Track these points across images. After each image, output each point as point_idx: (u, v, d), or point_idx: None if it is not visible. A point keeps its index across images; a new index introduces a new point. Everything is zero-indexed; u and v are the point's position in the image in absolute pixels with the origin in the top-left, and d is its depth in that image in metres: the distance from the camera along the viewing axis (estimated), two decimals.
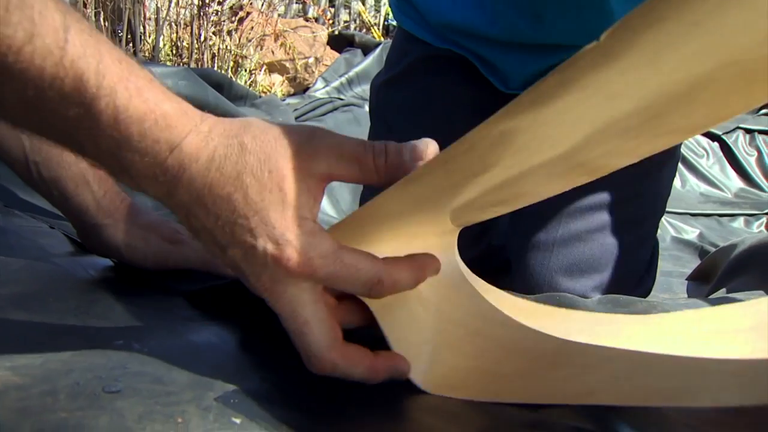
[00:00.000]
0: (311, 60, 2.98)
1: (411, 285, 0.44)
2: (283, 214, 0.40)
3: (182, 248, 0.62)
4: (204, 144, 0.40)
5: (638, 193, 0.85)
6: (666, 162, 0.85)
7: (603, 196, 0.84)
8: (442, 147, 0.90)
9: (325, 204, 1.71)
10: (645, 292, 0.94)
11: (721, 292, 0.96)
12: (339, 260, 0.41)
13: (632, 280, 0.89)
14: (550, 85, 0.31)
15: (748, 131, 2.43)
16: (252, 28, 2.90)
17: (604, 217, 0.84)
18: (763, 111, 2.62)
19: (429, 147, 0.47)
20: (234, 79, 2.38)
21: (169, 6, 2.67)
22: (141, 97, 0.38)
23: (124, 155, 0.39)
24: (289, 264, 0.40)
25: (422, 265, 0.45)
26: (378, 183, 0.44)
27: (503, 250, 0.96)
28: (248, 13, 2.87)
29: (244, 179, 0.40)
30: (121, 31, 2.51)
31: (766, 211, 2.00)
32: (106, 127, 0.37)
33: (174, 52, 2.72)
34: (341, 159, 0.43)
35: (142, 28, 2.62)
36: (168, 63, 2.64)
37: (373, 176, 0.44)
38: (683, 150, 2.30)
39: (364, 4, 4.07)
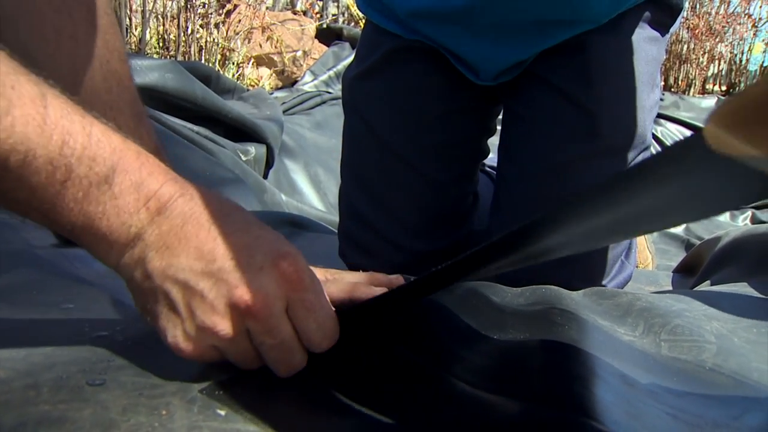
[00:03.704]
0: (299, 53, 2.97)
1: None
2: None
3: None
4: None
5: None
6: (638, 148, 0.87)
7: (577, 185, 0.85)
8: (415, 138, 0.92)
9: (313, 198, 1.70)
10: (627, 276, 0.95)
11: (706, 284, 0.97)
12: None
13: (613, 266, 0.91)
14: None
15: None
16: (239, 21, 2.89)
17: None
18: None
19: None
20: (221, 72, 2.37)
21: None
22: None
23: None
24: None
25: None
26: None
27: (485, 235, 0.97)
28: (236, 6, 2.85)
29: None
30: None
31: (751, 204, 2.01)
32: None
33: (161, 44, 2.71)
34: None
35: (128, 20, 2.60)
36: (155, 56, 2.62)
37: None
38: (670, 143, 2.31)
39: None
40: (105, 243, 0.41)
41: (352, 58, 1.03)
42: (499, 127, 0.98)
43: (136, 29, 2.68)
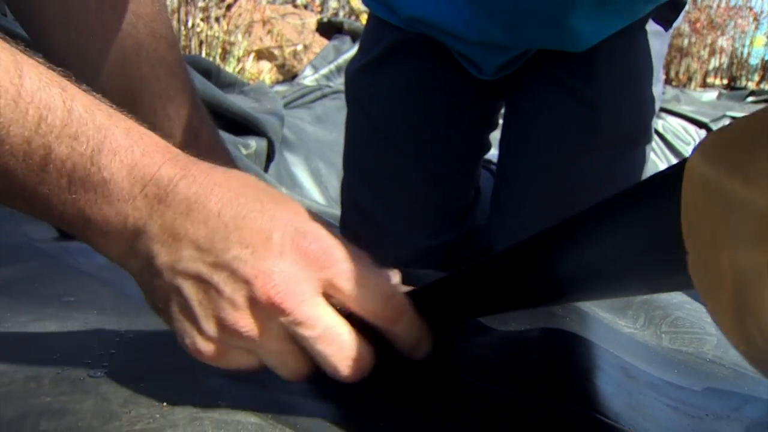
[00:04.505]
0: (300, 47, 2.97)
1: None
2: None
3: None
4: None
5: (613, 173, 0.87)
6: (639, 142, 0.87)
7: (579, 178, 0.85)
8: (417, 132, 0.91)
9: (314, 192, 1.70)
10: None
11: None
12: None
13: None
14: None
15: (735, 119, 2.45)
16: (240, 14, 2.88)
17: (581, 199, 0.85)
18: (750, 99, 2.64)
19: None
20: (222, 66, 2.37)
21: None
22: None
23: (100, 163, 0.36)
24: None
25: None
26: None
27: (486, 231, 0.97)
28: (236, 0, 2.85)
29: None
30: None
31: None
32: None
33: None
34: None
35: None
36: None
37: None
38: (671, 138, 2.31)
39: None
40: (102, 235, 0.37)
41: (352, 51, 1.03)
42: (500, 122, 0.98)
43: None
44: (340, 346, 0.38)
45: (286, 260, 0.37)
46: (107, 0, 0.58)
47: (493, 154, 1.02)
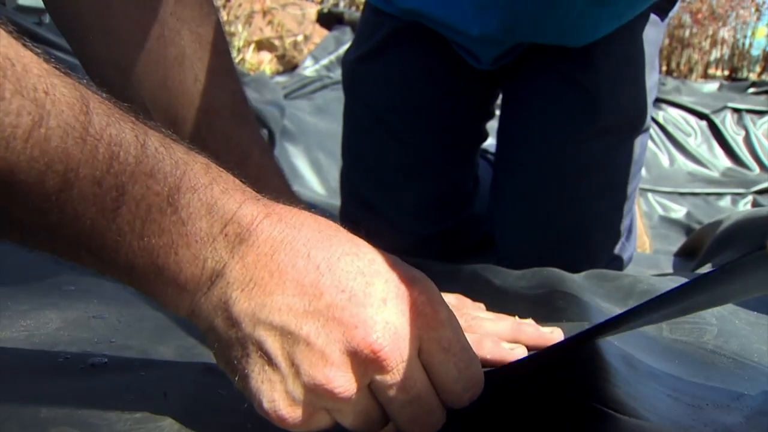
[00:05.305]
0: (300, 38, 2.95)
1: None
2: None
3: None
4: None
5: (611, 160, 0.87)
6: (636, 129, 0.87)
7: (577, 166, 0.85)
8: (415, 121, 0.91)
9: (314, 182, 1.70)
10: (628, 258, 0.96)
11: (707, 267, 0.97)
12: None
13: (613, 246, 0.91)
14: None
15: (735, 110, 2.44)
16: (240, 4, 2.87)
17: (580, 186, 0.86)
18: (751, 90, 2.63)
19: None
20: None
21: None
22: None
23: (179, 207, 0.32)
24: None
25: None
26: None
27: (485, 219, 0.97)
28: None
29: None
30: None
31: (752, 190, 2.01)
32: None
33: None
34: None
35: None
36: None
37: None
38: (672, 129, 2.30)
39: None
40: (174, 284, 0.33)
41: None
42: (497, 113, 0.98)
43: None
44: (425, 414, 0.34)
45: (390, 309, 0.32)
46: (148, 2, 0.52)
47: (490, 143, 1.02)
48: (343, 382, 0.31)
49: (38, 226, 0.31)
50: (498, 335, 0.49)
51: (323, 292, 0.32)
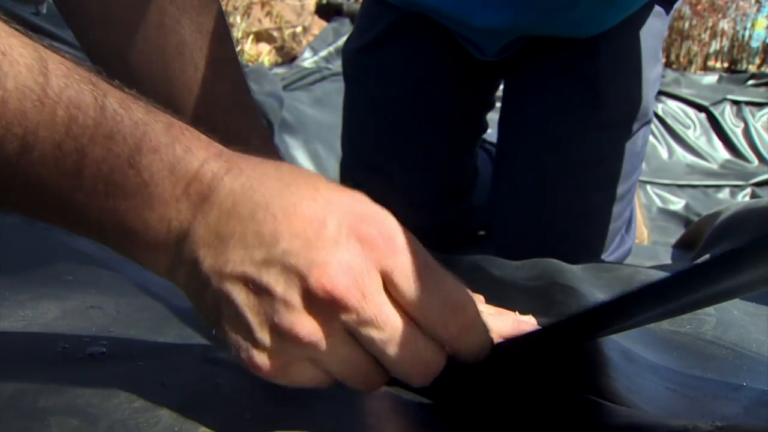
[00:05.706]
0: (299, 29, 2.95)
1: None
2: None
3: None
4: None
5: (612, 152, 0.87)
6: (639, 121, 0.87)
7: (579, 157, 0.85)
8: (416, 111, 0.91)
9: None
10: (627, 250, 0.96)
11: (706, 258, 0.97)
12: None
13: (613, 239, 0.91)
14: None
15: (735, 102, 2.43)
16: None
17: (581, 177, 0.86)
18: (751, 82, 2.63)
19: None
20: None
21: None
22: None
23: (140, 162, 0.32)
24: None
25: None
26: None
27: (484, 210, 0.97)
28: None
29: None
30: None
31: (751, 182, 2.01)
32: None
33: None
34: None
35: None
36: None
37: None
38: (671, 121, 2.30)
39: None
40: (145, 246, 0.33)
41: None
42: (498, 104, 0.98)
43: None
44: (413, 348, 0.33)
45: (343, 249, 0.32)
46: None
47: (490, 134, 1.02)
48: (307, 325, 0.32)
49: (6, 190, 0.31)
50: (498, 331, 0.49)
51: (279, 239, 0.32)
